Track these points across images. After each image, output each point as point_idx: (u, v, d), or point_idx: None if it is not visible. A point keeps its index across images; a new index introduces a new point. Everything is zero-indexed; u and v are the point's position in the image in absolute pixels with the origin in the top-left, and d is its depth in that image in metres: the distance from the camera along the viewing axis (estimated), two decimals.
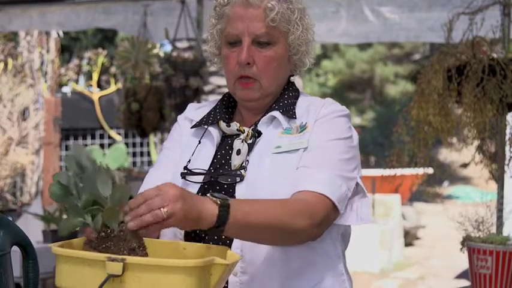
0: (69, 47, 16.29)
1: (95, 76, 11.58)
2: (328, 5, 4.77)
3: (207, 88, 5.00)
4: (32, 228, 4.96)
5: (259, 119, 1.96)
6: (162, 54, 5.31)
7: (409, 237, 10.88)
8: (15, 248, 1.55)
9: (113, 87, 11.29)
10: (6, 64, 9.80)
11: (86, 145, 10.87)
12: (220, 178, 1.90)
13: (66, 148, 10.85)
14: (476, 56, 3.12)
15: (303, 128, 1.91)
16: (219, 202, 1.59)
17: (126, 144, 11.03)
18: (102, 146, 10.97)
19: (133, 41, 5.24)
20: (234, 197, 1.83)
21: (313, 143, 1.87)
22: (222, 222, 1.58)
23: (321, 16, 4.79)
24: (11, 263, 1.52)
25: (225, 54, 1.95)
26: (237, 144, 1.92)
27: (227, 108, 2.04)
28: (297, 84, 2.07)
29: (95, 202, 1.49)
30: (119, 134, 10.99)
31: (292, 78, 2.04)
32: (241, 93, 1.95)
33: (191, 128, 2.02)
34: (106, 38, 17.25)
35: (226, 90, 2.06)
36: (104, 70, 11.80)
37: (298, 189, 1.79)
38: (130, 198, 1.53)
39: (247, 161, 1.89)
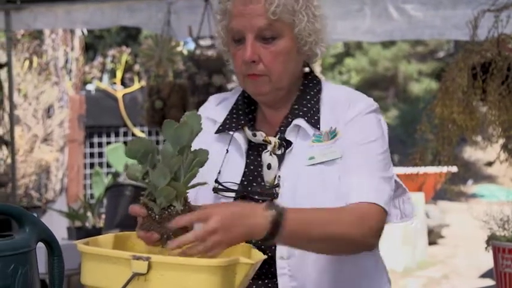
0: (93, 45, 16.37)
1: (119, 74, 11.62)
2: (352, 3, 4.76)
3: (230, 86, 4.99)
4: (57, 224, 5.00)
5: (284, 127, 1.87)
6: (185, 52, 5.32)
7: (433, 236, 10.82)
8: (40, 245, 1.56)
9: (136, 85, 11.32)
10: (31, 62, 9.87)
11: (109, 142, 10.93)
12: (253, 194, 1.84)
13: (91, 145, 10.91)
14: (502, 54, 3.10)
15: (333, 134, 1.83)
16: (270, 218, 1.55)
17: None
18: (125, 143, 11.01)
19: (156, 39, 5.25)
20: None
21: (348, 149, 1.81)
22: (272, 236, 1.56)
23: (345, 14, 4.78)
24: (37, 259, 1.53)
25: (232, 52, 1.88)
26: (266, 157, 1.85)
27: (249, 106, 1.97)
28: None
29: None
30: (143, 131, 11.01)
31: (306, 68, 1.95)
32: (251, 87, 1.88)
33: (215, 133, 1.94)
34: (130, 36, 17.30)
35: None
36: (128, 68, 11.82)
37: (346, 202, 1.74)
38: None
39: (279, 176, 1.82)
